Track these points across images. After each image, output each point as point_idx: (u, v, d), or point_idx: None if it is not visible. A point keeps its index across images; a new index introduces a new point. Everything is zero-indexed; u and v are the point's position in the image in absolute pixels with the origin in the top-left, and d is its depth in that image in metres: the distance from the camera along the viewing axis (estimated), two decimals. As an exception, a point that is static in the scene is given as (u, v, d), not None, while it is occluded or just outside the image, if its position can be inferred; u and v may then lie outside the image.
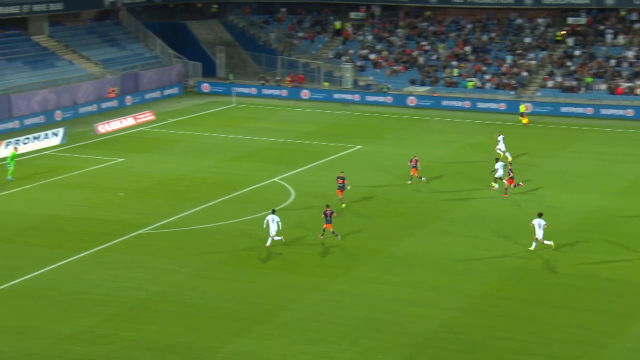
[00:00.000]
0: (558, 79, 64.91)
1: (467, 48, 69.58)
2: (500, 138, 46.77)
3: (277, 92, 67.42)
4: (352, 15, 75.93)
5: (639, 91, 62.16)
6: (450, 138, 52.83)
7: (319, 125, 56.73)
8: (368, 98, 65.29)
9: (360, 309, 27.30)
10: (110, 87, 62.51)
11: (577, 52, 67.01)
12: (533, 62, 67.18)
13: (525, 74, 65.97)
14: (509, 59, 67.53)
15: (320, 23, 76.80)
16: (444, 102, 63.31)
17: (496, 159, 41.90)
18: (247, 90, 67.82)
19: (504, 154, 45.73)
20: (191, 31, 75.33)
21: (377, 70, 69.64)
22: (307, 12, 78.37)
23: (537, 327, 26.21)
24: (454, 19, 73.52)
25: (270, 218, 32.16)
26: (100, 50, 66.64)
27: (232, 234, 34.16)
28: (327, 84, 68.69)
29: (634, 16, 68.50)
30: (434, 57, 69.64)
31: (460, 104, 62.88)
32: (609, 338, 25.55)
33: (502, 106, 61.59)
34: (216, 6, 78.79)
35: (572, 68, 65.68)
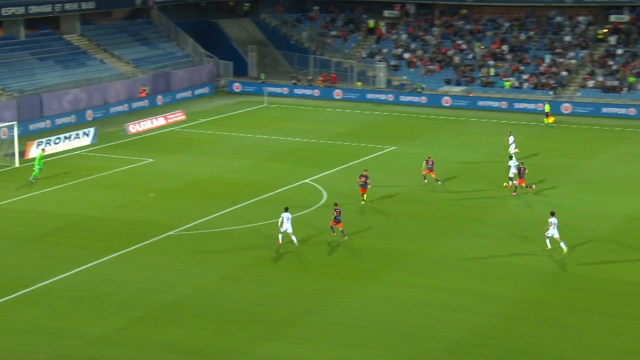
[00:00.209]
0: (599, 79, 64.24)
1: (505, 47, 69.17)
2: (511, 139, 46.90)
3: (309, 91, 67.61)
4: (386, 13, 75.88)
5: (683, 91, 61.34)
6: (487, 139, 52.57)
7: (351, 126, 56.78)
8: (402, 98, 65.19)
9: (393, 313, 27.33)
10: (141, 86, 63.20)
11: (619, 51, 66.26)
12: (573, 61, 66.57)
13: (564, 73, 65.40)
14: (548, 58, 67.00)
15: (353, 21, 76.85)
16: (480, 103, 63.00)
17: (510, 157, 42.29)
18: (279, 90, 68.11)
19: (514, 153, 45.86)
20: (223, 30, 75.85)
21: (412, 70, 69.51)
22: (340, 10, 78.48)
23: (572, 334, 26.04)
24: (491, 17, 73.13)
25: (285, 216, 32.72)
26: (132, 49, 67.41)
27: (263, 236, 34.37)
28: (360, 83, 68.72)
29: (679, 14, 67.63)
30: (470, 56, 69.33)
31: (496, 104, 62.52)
32: (649, 346, 25.32)
33: (540, 107, 61.03)
34: (248, 4, 79.25)
35: (614, 67, 64.95)
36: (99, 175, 43.88)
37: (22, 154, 46.85)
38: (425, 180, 41.86)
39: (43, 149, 45.41)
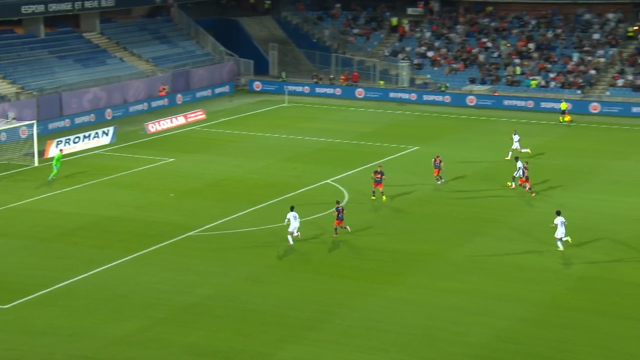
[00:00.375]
0: (629, 78, 63.73)
1: (531, 45, 68.83)
2: (515, 137, 46.71)
3: (331, 90, 67.67)
4: (410, 11, 75.76)
5: None
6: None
7: (374, 126, 56.76)
8: (425, 97, 65.06)
9: (417, 316, 27.32)
10: (161, 85, 63.60)
11: (649, 49, 65.77)
12: (602, 59, 66.09)
13: (593, 72, 64.95)
14: (576, 57, 66.57)
15: (376, 19, 76.82)
16: (506, 102, 62.74)
17: (516, 157, 42.12)
18: (300, 88, 68.23)
19: (518, 152, 45.78)
20: (243, 28, 76.13)
21: (435, 69, 69.36)
22: (363, 8, 78.48)
23: (600, 339, 25.88)
24: (517, 15, 72.80)
25: (291, 215, 33.13)
26: (151, 47, 67.85)
27: (284, 237, 34.47)
28: (382, 82, 68.67)
29: None
30: (495, 54, 69.06)
31: (522, 103, 62.24)
32: (680, 353, 25.11)
33: (569, 106, 60.63)
34: (269, 2, 79.46)
35: (644, 66, 64.49)
36: (118, 175, 44.21)
37: (41, 153, 47.31)
38: (443, 179, 41.82)
39: (61, 150, 45.81)
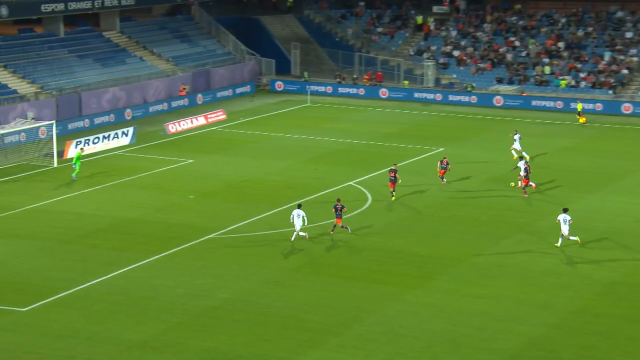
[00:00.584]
0: (662, 78, 63.17)
1: (561, 44, 68.36)
2: (516, 137, 46.68)
3: (354, 90, 67.62)
4: (435, 9, 75.53)
5: None
6: (541, 142, 51.97)
7: (398, 127, 56.64)
8: (451, 98, 64.83)
9: (441, 322, 27.19)
10: (181, 85, 63.89)
11: (683, 48, 65.09)
12: (635, 58, 65.51)
13: (625, 71, 64.38)
14: (608, 56, 66.01)
15: (400, 18, 76.67)
16: (534, 102, 62.36)
17: (520, 157, 42.10)
18: (323, 88, 68.25)
19: (520, 153, 45.61)
20: (265, 26, 76.29)
21: (461, 68, 69.10)
22: (387, 6, 78.37)
23: (630, 346, 25.60)
24: (546, 13, 72.37)
25: (296, 213, 33.71)
26: (172, 46, 68.18)
27: (305, 240, 34.45)
28: (407, 82, 68.52)
29: None
30: (524, 53, 68.67)
31: (552, 104, 61.82)
32: None
33: (598, 107, 60.26)
34: (291, 0, 79.57)
35: (678, 65, 63.85)
36: (138, 176, 44.44)
37: (60, 153, 47.68)
38: (445, 180, 41.93)
39: (82, 149, 46.17)
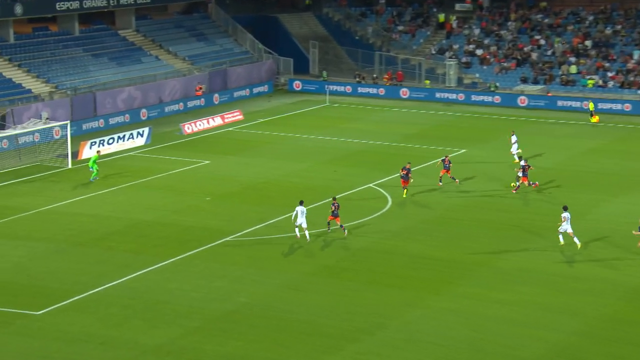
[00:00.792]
0: (692, 77, 62.68)
1: (588, 42, 68.01)
2: (513, 139, 46.56)
3: (374, 90, 67.58)
4: (458, 6, 75.37)
5: None
6: (567, 143, 51.71)
7: (419, 127, 56.55)
8: (474, 97, 64.65)
9: (464, 328, 27.09)
10: (197, 84, 64.09)
11: None
12: (663, 57, 65.12)
13: (653, 71, 63.99)
14: (637, 54, 65.60)
15: (422, 16, 76.56)
16: (560, 103, 62.06)
17: (520, 157, 42.09)
18: (342, 88, 68.26)
19: (519, 154, 45.48)
20: (283, 25, 76.41)
21: (485, 67, 68.88)
22: (408, 3, 78.29)
23: (664, 356, 25.42)
24: (573, 10, 72.01)
25: (299, 209, 33.89)
26: (188, 45, 68.42)
27: (324, 244, 34.44)
28: (428, 82, 68.39)
29: None
30: (549, 52, 68.37)
31: (578, 104, 61.48)
32: None
33: (627, 107, 59.90)
34: (310, -2, 79.74)
35: None
36: (153, 178, 44.61)
37: (75, 154, 47.94)
38: (441, 183, 41.93)
39: (98, 151, 46.35)
